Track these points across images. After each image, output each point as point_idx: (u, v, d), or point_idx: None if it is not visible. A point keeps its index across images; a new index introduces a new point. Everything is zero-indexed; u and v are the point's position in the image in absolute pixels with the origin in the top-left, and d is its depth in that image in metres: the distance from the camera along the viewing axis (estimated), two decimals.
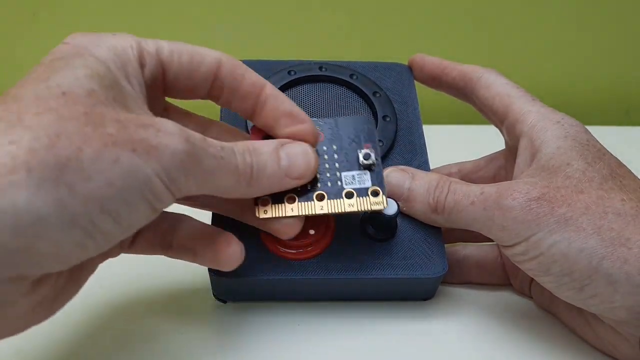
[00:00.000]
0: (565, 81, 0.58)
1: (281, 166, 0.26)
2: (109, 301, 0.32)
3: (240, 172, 0.24)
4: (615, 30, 0.55)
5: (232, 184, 0.24)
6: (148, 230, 0.27)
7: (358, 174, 0.28)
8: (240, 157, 0.24)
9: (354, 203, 0.27)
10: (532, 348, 0.30)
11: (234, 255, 0.26)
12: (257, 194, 0.26)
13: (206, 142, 0.23)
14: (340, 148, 0.29)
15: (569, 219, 0.26)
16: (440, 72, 0.35)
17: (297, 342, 0.30)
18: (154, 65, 0.25)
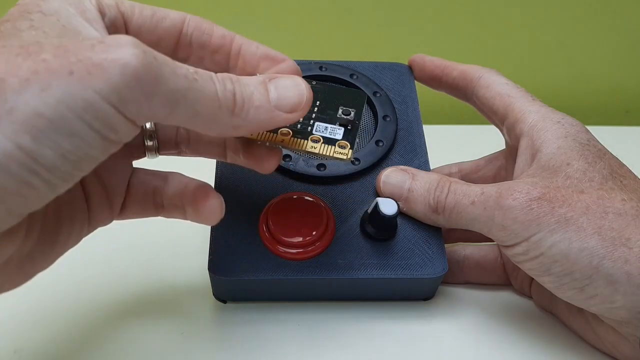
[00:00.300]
0: (566, 81, 0.58)
1: (271, 98, 0.23)
2: (109, 301, 0.32)
3: (221, 98, 0.21)
4: (615, 31, 0.55)
5: (213, 112, 0.21)
6: (138, 192, 0.26)
7: (332, 128, 0.27)
8: (220, 83, 0.21)
9: (317, 146, 0.26)
10: (532, 348, 0.30)
11: (212, 209, 0.25)
12: (244, 129, 0.23)
13: (174, 62, 0.20)
14: (324, 107, 0.28)
15: (569, 219, 0.26)
16: (441, 72, 0.35)
17: (297, 342, 0.30)
18: (114, 15, 0.23)
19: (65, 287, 0.33)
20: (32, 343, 0.29)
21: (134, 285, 0.33)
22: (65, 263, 0.34)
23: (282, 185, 0.32)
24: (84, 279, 0.33)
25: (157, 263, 0.35)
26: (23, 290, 0.32)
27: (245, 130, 0.23)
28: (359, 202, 0.32)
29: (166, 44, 0.25)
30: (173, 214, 0.27)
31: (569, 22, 0.55)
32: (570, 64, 0.58)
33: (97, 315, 0.31)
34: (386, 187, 0.31)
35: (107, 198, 0.26)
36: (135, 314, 0.31)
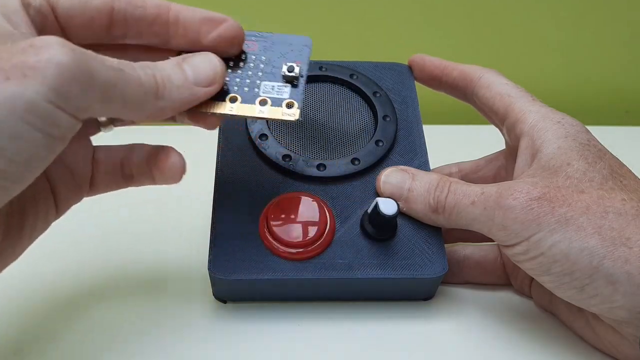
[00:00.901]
0: (565, 81, 0.58)
1: (187, 75, 0.25)
2: (108, 301, 0.32)
3: (145, 83, 0.23)
4: (615, 30, 0.55)
5: (140, 98, 0.23)
6: (106, 166, 0.27)
7: (278, 86, 0.27)
8: (140, 70, 0.23)
9: (265, 110, 0.27)
10: (532, 348, 0.30)
11: (174, 166, 0.26)
12: (170, 108, 0.24)
13: (100, 55, 0.21)
14: (268, 60, 0.28)
15: (569, 218, 0.26)
16: (441, 72, 0.35)
17: (297, 342, 0.30)
18: (39, 3, 0.24)
19: (64, 287, 0.33)
20: (32, 343, 0.29)
21: (133, 285, 0.33)
22: (65, 263, 0.34)
23: (282, 185, 0.32)
24: (84, 280, 0.33)
25: (157, 263, 0.35)
26: (23, 290, 0.32)
27: (172, 110, 0.25)
28: (359, 202, 0.32)
29: (99, 23, 0.25)
30: (143, 182, 0.28)
31: (569, 22, 0.55)
32: (570, 64, 0.57)
33: (96, 315, 0.31)
34: (386, 187, 0.31)
35: (73, 179, 0.26)
36: (135, 314, 0.31)
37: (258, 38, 0.28)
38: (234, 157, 0.33)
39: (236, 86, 0.27)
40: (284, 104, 0.27)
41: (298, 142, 0.33)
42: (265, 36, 0.29)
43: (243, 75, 0.27)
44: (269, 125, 0.33)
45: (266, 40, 0.28)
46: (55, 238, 0.36)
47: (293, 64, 0.27)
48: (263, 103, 0.27)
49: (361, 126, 0.34)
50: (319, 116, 0.34)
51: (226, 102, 0.26)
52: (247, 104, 0.27)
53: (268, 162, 0.32)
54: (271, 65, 0.28)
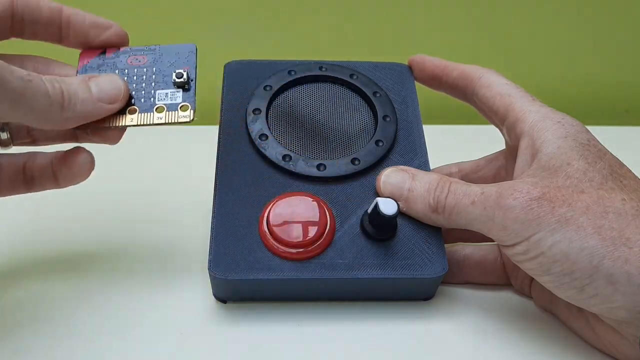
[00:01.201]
0: (565, 81, 0.58)
1: (92, 92, 0.27)
2: (108, 301, 0.32)
3: (51, 95, 0.25)
4: (615, 30, 0.55)
5: (46, 108, 0.25)
6: (6, 172, 0.29)
7: (172, 92, 0.29)
8: (49, 83, 0.25)
9: (163, 116, 0.29)
10: (532, 348, 0.30)
11: (83, 162, 0.29)
12: (75, 120, 0.27)
13: (10, 66, 0.24)
14: (159, 70, 0.30)
15: (569, 218, 0.26)
16: (441, 72, 0.35)
17: (297, 342, 0.30)
18: None
19: (64, 287, 0.33)
20: (32, 343, 0.29)
21: (133, 285, 0.33)
22: (64, 263, 0.34)
23: (282, 185, 0.32)
24: (83, 279, 0.33)
25: (157, 263, 0.35)
26: (23, 290, 0.32)
27: (76, 122, 0.27)
28: (359, 202, 0.32)
29: (2, 26, 0.28)
30: (45, 186, 0.30)
31: (569, 22, 0.55)
32: (570, 63, 0.58)
33: (96, 315, 0.31)
34: (386, 187, 0.31)
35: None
36: (135, 314, 0.31)
37: (146, 52, 0.31)
38: (234, 157, 0.33)
39: (133, 99, 0.29)
40: (178, 107, 0.29)
41: (298, 142, 0.33)
42: (152, 49, 0.31)
43: (138, 88, 0.29)
44: (269, 125, 0.34)
45: (154, 52, 0.31)
46: (55, 237, 0.36)
47: (181, 71, 0.30)
48: (160, 110, 0.29)
49: (361, 126, 0.34)
50: (319, 116, 0.34)
51: (126, 115, 0.29)
52: (146, 112, 0.29)
53: (268, 162, 0.32)
54: (162, 74, 0.30)
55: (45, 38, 0.30)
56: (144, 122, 0.29)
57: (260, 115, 0.34)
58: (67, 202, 0.39)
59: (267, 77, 0.35)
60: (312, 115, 0.34)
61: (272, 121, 0.34)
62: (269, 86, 0.35)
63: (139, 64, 0.30)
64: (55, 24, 0.29)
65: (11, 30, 0.29)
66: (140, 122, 0.29)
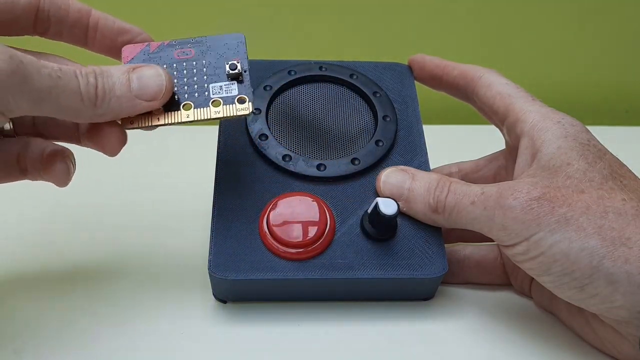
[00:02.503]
0: (565, 81, 0.58)
1: (132, 88, 0.26)
2: (108, 301, 0.32)
3: (83, 93, 0.24)
4: (615, 30, 0.55)
5: (76, 105, 0.24)
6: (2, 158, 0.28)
7: (226, 85, 0.28)
8: (83, 79, 0.24)
9: (220, 110, 0.27)
10: (532, 348, 0.30)
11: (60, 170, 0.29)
12: (108, 116, 0.26)
13: (39, 62, 0.23)
14: (209, 63, 0.29)
15: (569, 218, 0.26)
16: (441, 72, 0.35)
17: (297, 342, 0.30)
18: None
19: (64, 287, 0.33)
20: (32, 343, 0.29)
21: (134, 285, 0.33)
22: (64, 263, 0.34)
23: (282, 185, 0.32)
24: (83, 279, 0.33)
25: (157, 263, 0.35)
26: (23, 290, 0.32)
27: (109, 117, 0.26)
28: (359, 202, 0.32)
29: (25, 21, 0.27)
30: (37, 177, 0.29)
31: (569, 22, 0.55)
32: (570, 64, 0.58)
33: (96, 315, 0.31)
34: (386, 187, 0.31)
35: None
36: (135, 314, 0.31)
37: (193, 44, 0.29)
38: (234, 157, 0.33)
39: (186, 94, 0.28)
40: (235, 100, 0.28)
41: (298, 142, 0.33)
42: (199, 41, 0.30)
43: (190, 82, 0.28)
44: (269, 125, 0.34)
45: (201, 44, 0.29)
46: (55, 238, 0.36)
47: (234, 62, 0.28)
48: (216, 104, 0.28)
49: (361, 126, 0.34)
50: (319, 116, 0.34)
51: (181, 111, 0.27)
52: (202, 107, 0.28)
53: (268, 162, 0.32)
54: (213, 66, 0.29)
55: (70, 39, 0.29)
56: (200, 117, 0.27)
57: (260, 115, 0.34)
58: (67, 202, 0.39)
59: (267, 77, 0.35)
60: (312, 115, 0.34)
61: (272, 121, 0.34)
62: (268, 86, 0.35)
63: (187, 57, 0.29)
64: (83, 25, 0.28)
65: (34, 28, 0.28)
66: (196, 117, 0.27)
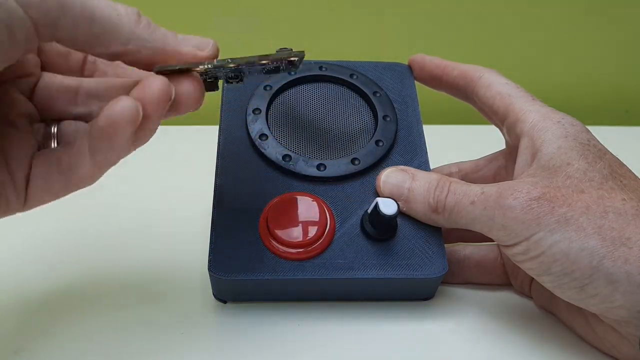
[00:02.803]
0: (566, 81, 0.58)
1: (178, 36, 0.23)
2: (108, 301, 0.32)
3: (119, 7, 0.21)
4: (615, 31, 0.55)
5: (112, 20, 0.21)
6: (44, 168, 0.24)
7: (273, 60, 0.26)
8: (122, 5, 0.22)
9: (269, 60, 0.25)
10: (532, 348, 0.30)
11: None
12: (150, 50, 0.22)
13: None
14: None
15: (569, 218, 0.26)
16: (441, 72, 0.35)
17: (297, 342, 0.30)
18: None
19: (65, 287, 0.33)
20: (32, 343, 0.29)
21: (134, 285, 0.33)
22: (65, 262, 0.34)
23: (282, 185, 0.32)
24: (84, 279, 0.33)
25: (157, 263, 0.35)
26: (23, 290, 0.32)
27: (153, 52, 0.22)
28: (359, 202, 0.32)
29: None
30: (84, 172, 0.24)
31: (569, 22, 0.55)
32: (570, 64, 0.58)
33: (96, 315, 0.31)
34: (386, 187, 0.31)
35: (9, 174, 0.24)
36: (135, 314, 0.31)
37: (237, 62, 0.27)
38: (234, 157, 0.33)
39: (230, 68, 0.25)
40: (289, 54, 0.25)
41: (298, 142, 0.33)
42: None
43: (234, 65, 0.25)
44: (269, 125, 0.34)
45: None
46: (54, 237, 0.36)
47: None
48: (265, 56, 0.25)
49: (361, 126, 0.34)
50: (319, 116, 0.34)
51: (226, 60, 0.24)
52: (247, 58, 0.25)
53: (268, 162, 0.32)
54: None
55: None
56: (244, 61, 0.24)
57: (260, 115, 0.34)
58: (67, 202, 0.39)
59: (267, 76, 0.35)
60: (312, 115, 0.34)
61: (272, 121, 0.34)
62: (269, 86, 0.35)
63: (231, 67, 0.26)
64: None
65: None
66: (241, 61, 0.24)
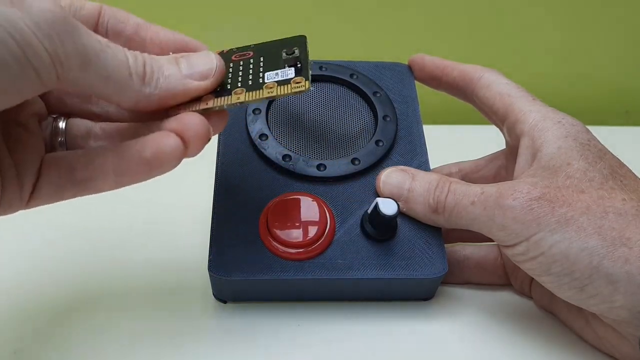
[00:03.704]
0: (566, 81, 0.58)
1: (181, 69, 0.24)
2: (108, 301, 0.32)
3: (131, 67, 0.23)
4: (615, 31, 0.55)
5: (124, 78, 0.22)
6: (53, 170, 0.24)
7: (282, 71, 0.26)
8: (131, 55, 0.23)
9: (274, 90, 0.25)
10: (532, 348, 0.30)
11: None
12: (156, 97, 0.24)
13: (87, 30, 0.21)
14: (266, 55, 0.27)
15: (569, 218, 0.26)
16: (441, 72, 0.35)
17: (297, 342, 0.30)
18: None
19: (64, 287, 0.33)
20: (32, 343, 0.29)
21: (133, 285, 0.33)
22: (65, 263, 0.34)
23: (282, 185, 0.32)
24: (84, 279, 0.33)
25: (157, 263, 0.35)
26: (23, 290, 0.32)
27: (158, 99, 0.24)
28: (359, 202, 0.32)
29: None
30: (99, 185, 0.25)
31: (569, 22, 0.55)
32: (570, 64, 0.58)
33: (96, 315, 0.31)
34: (386, 187, 0.31)
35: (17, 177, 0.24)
36: (135, 314, 0.31)
37: (252, 48, 0.28)
38: (234, 157, 0.33)
39: (239, 83, 0.26)
40: (291, 81, 0.26)
41: (298, 142, 0.33)
42: (258, 45, 0.28)
43: (244, 75, 0.27)
44: (269, 125, 0.34)
45: (261, 47, 0.28)
46: (54, 237, 0.36)
47: (294, 49, 0.27)
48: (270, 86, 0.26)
49: (361, 126, 0.34)
50: (319, 116, 0.34)
51: (232, 95, 0.26)
52: (254, 90, 0.26)
53: (268, 162, 0.32)
54: (270, 57, 0.27)
55: None
56: (252, 98, 0.25)
57: (260, 115, 0.34)
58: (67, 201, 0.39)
59: None
60: (312, 115, 0.34)
61: (272, 121, 0.34)
62: None
63: (245, 57, 0.27)
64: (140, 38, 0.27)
65: None
66: (248, 99, 0.25)
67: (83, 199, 0.35)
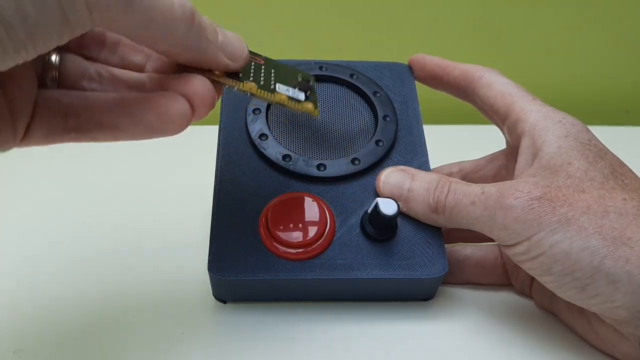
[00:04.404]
0: (566, 81, 0.58)
1: (219, 39, 0.24)
2: (108, 301, 0.32)
3: (177, 9, 0.21)
4: (615, 30, 0.55)
5: (168, 22, 0.21)
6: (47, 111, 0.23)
7: (293, 90, 0.27)
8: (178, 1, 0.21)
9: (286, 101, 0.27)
10: (532, 348, 0.30)
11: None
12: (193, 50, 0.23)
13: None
14: (278, 69, 0.28)
15: (570, 218, 0.26)
16: (441, 72, 0.35)
17: (297, 342, 0.30)
18: None
19: (65, 287, 0.33)
20: (32, 343, 0.29)
21: (133, 285, 0.33)
22: (65, 262, 0.34)
23: (282, 185, 0.32)
24: (84, 280, 0.33)
25: (157, 263, 0.35)
26: (23, 290, 0.32)
27: (192, 54, 0.23)
28: (359, 202, 0.31)
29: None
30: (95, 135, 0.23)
31: (569, 22, 0.55)
32: (570, 64, 0.58)
33: (96, 315, 0.31)
34: (386, 187, 0.31)
35: (10, 114, 0.22)
36: (135, 314, 0.31)
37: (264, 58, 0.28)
38: (234, 157, 0.33)
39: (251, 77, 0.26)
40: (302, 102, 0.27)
41: (298, 142, 0.33)
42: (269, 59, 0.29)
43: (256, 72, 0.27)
44: (269, 125, 0.33)
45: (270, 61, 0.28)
46: (53, 237, 0.36)
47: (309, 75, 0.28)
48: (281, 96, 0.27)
49: (361, 126, 0.34)
50: (319, 116, 0.34)
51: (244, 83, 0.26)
52: (267, 91, 0.26)
53: (268, 162, 0.32)
54: (281, 73, 0.28)
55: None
56: (263, 95, 0.26)
57: (260, 115, 0.34)
58: (67, 201, 0.39)
59: None
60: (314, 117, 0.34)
61: (272, 121, 0.34)
62: None
63: (257, 61, 0.28)
64: None
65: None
66: (259, 94, 0.26)
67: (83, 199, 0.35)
